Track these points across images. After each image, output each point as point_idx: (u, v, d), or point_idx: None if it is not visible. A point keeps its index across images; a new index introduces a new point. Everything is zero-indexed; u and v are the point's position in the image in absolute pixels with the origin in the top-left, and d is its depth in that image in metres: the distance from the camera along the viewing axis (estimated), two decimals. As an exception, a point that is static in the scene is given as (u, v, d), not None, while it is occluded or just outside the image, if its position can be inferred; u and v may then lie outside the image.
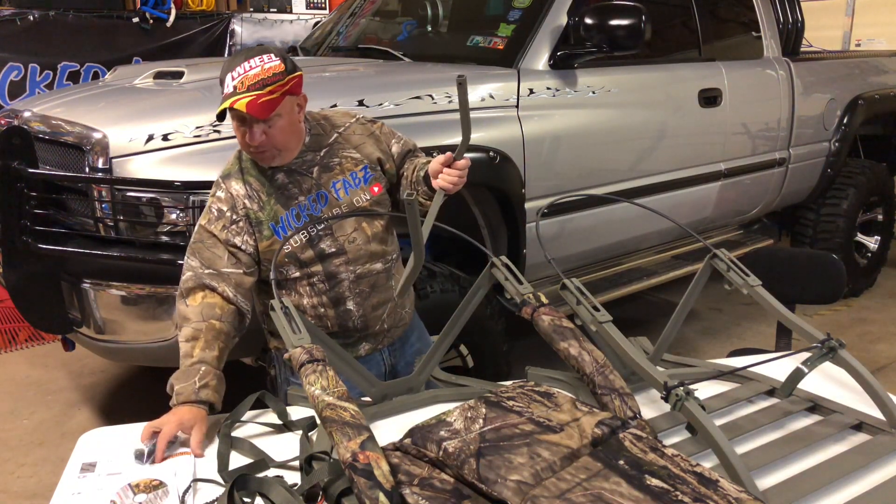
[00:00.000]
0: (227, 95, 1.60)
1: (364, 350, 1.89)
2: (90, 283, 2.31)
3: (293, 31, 5.30)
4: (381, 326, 1.89)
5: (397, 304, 1.90)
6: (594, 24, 2.77)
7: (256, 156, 1.71)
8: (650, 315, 4.35)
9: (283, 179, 1.76)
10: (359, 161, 1.82)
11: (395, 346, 1.96)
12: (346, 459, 1.06)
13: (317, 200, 1.76)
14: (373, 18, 3.73)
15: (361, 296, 1.82)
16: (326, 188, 1.77)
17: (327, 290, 1.80)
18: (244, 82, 1.59)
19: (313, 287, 1.80)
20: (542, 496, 1.01)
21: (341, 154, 1.81)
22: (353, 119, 1.88)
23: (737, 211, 4.05)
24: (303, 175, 1.77)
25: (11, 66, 4.37)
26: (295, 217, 1.74)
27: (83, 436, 1.50)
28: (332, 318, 1.82)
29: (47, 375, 3.70)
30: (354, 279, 1.81)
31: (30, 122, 2.61)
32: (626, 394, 1.35)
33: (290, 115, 1.69)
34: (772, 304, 1.64)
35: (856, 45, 6.33)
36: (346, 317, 1.82)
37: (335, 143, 1.82)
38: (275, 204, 1.74)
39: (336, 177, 1.79)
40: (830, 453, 1.38)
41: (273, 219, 1.74)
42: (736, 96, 3.65)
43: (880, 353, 3.93)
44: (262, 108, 1.59)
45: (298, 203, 1.75)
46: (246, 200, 1.73)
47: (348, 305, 1.82)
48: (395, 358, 1.96)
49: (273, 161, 1.73)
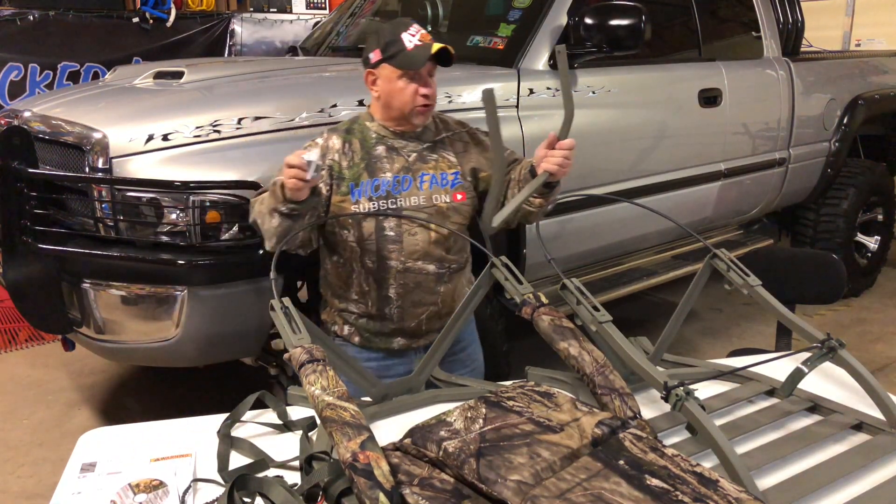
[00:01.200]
0: (420, 46, 1.77)
1: (398, 344, 1.95)
2: (90, 283, 2.31)
3: (293, 31, 5.30)
4: (419, 326, 1.94)
5: (441, 311, 1.94)
6: (594, 24, 2.77)
7: (421, 111, 1.84)
8: (650, 315, 4.35)
9: (381, 152, 1.88)
10: (453, 165, 1.92)
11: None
12: (346, 459, 1.06)
13: (401, 182, 1.87)
14: (373, 18, 3.72)
15: (405, 288, 1.87)
16: (415, 175, 1.88)
17: (374, 269, 1.87)
18: (424, 38, 1.79)
19: (363, 262, 1.88)
20: (542, 496, 1.01)
21: (440, 153, 1.91)
22: (465, 129, 1.98)
23: (737, 211, 4.05)
24: (400, 155, 1.88)
25: (11, 66, 4.37)
26: (374, 188, 1.85)
27: (83, 436, 1.50)
28: (373, 298, 1.90)
29: (47, 375, 3.70)
30: (402, 269, 1.88)
31: (30, 122, 2.61)
32: (626, 394, 1.35)
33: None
34: (772, 304, 1.64)
35: (856, 45, 6.33)
36: (385, 303, 1.89)
37: (440, 142, 1.93)
38: (363, 169, 1.86)
39: (427, 170, 1.89)
40: (830, 453, 1.38)
41: (354, 180, 1.85)
42: (736, 96, 3.65)
43: (880, 353, 3.93)
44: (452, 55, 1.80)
45: (384, 177, 1.86)
46: (337, 154, 1.87)
47: (389, 293, 1.89)
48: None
49: (429, 119, 1.88)
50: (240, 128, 2.29)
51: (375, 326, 1.93)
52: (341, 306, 1.98)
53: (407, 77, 1.80)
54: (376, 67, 1.84)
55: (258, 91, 2.59)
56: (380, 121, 1.91)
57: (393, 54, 1.80)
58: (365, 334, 1.97)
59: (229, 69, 2.93)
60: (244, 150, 2.28)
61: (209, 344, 2.33)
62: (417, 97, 1.81)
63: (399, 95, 1.82)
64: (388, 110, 1.88)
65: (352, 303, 1.95)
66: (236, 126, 2.29)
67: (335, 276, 1.96)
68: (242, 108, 2.36)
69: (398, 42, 1.79)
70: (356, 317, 1.97)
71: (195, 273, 2.20)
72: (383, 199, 1.85)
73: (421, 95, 1.81)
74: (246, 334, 2.36)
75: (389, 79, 1.82)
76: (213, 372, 3.05)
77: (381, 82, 1.85)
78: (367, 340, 1.97)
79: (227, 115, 2.31)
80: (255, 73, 2.79)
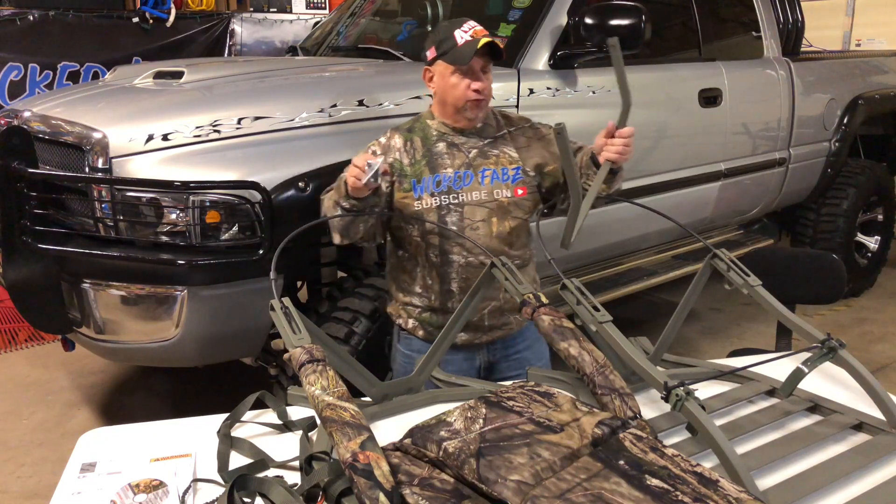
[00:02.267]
0: (468, 42, 1.80)
1: (461, 340, 1.97)
2: (90, 283, 2.31)
3: (293, 31, 5.30)
4: (481, 321, 1.96)
5: (504, 307, 1.96)
6: (594, 24, 2.77)
7: (474, 106, 1.86)
8: (650, 315, 4.35)
9: (442, 149, 1.91)
10: (514, 160, 1.94)
11: (495, 347, 2.02)
12: (346, 459, 1.06)
13: (462, 178, 1.90)
14: (373, 18, 3.72)
15: (467, 283, 1.89)
16: (475, 170, 1.90)
17: (438, 264, 1.91)
18: (476, 33, 1.81)
19: (427, 256, 1.92)
20: (542, 496, 1.01)
21: (502, 148, 1.94)
22: (528, 124, 2.01)
23: (737, 211, 4.05)
24: (460, 151, 1.92)
25: (11, 66, 4.37)
26: (435, 183, 1.89)
27: (83, 436, 1.50)
28: (436, 292, 1.93)
29: (47, 375, 3.70)
30: (464, 264, 1.91)
31: (30, 122, 2.61)
32: (626, 394, 1.35)
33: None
34: (772, 304, 1.64)
35: (856, 45, 6.33)
36: (447, 296, 1.92)
37: (501, 137, 1.96)
38: (424, 166, 1.90)
39: (488, 165, 1.92)
40: (830, 453, 1.38)
41: (416, 176, 1.90)
42: (736, 96, 3.65)
43: (880, 353, 3.94)
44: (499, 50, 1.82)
45: (445, 173, 1.89)
46: (398, 153, 1.92)
47: (452, 287, 1.92)
48: (493, 357, 2.02)
49: (482, 115, 1.90)
50: (240, 128, 2.29)
51: (438, 320, 1.95)
52: (406, 300, 2.01)
53: (459, 72, 1.84)
54: (432, 65, 1.90)
55: (258, 91, 2.59)
56: (439, 118, 1.95)
57: (445, 51, 1.85)
58: (428, 328, 1.99)
59: (229, 69, 2.93)
60: (244, 150, 2.28)
61: (209, 344, 2.33)
62: (469, 92, 1.85)
63: (452, 91, 1.86)
64: (443, 106, 1.92)
65: (416, 296, 1.98)
66: (236, 126, 2.29)
67: (400, 271, 2.00)
68: (242, 108, 2.36)
69: (450, 39, 1.83)
70: (420, 311, 1.99)
71: (195, 273, 2.20)
72: (445, 195, 1.89)
73: (472, 90, 1.84)
74: (246, 334, 2.36)
75: (443, 75, 1.87)
76: (213, 372, 3.06)
77: (437, 79, 1.90)
78: (430, 334, 1.99)
79: (227, 115, 2.31)
80: (255, 73, 2.79)
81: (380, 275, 2.53)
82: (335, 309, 2.45)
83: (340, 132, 2.42)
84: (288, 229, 2.16)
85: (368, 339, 2.37)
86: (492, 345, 2.01)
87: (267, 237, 2.19)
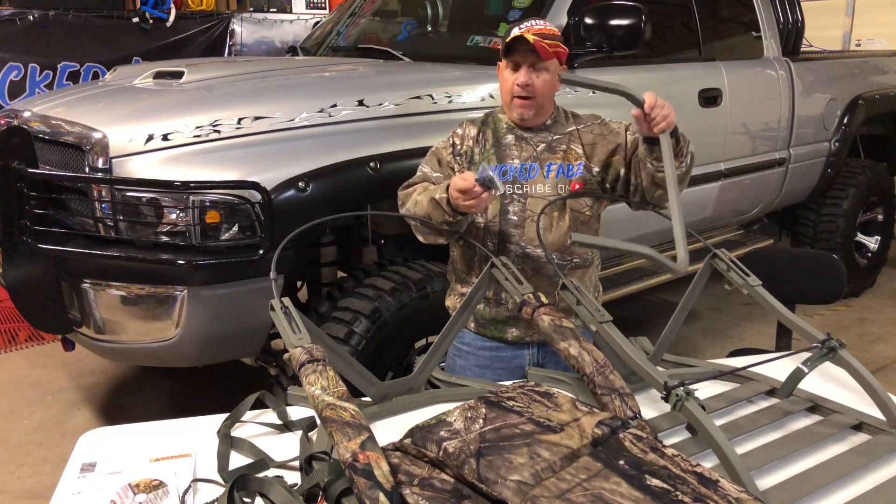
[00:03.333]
0: (516, 36, 1.81)
1: (511, 335, 1.96)
2: (90, 283, 2.31)
3: (293, 31, 5.30)
4: None
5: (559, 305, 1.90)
6: (594, 24, 2.77)
7: (520, 103, 1.86)
8: (650, 315, 4.35)
9: (510, 141, 1.93)
10: (579, 157, 1.93)
11: (546, 348, 1.98)
12: (346, 459, 1.06)
13: (528, 170, 1.91)
14: (373, 18, 3.73)
15: (523, 275, 1.84)
16: (542, 164, 1.91)
17: (495, 253, 1.89)
18: (530, 30, 1.81)
19: (485, 244, 1.91)
20: (542, 496, 1.01)
21: (570, 144, 1.93)
22: (598, 121, 2.00)
23: (737, 211, 4.05)
24: (528, 144, 1.93)
25: (11, 66, 4.37)
26: (501, 172, 1.89)
27: (83, 436, 1.50)
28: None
29: (47, 375, 3.70)
30: (521, 255, 1.90)
31: (30, 122, 2.61)
32: (626, 394, 1.35)
33: (553, 77, 1.87)
34: (772, 304, 1.64)
35: (856, 45, 6.33)
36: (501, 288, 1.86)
37: (570, 133, 1.95)
38: (492, 155, 1.92)
39: (556, 160, 1.92)
40: (830, 453, 1.38)
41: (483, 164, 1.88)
42: (736, 96, 3.65)
43: (880, 353, 3.94)
44: (544, 48, 1.79)
45: (512, 163, 1.91)
46: (471, 142, 1.95)
47: None
48: (543, 358, 1.99)
49: (530, 115, 1.88)
50: (240, 128, 2.29)
51: (491, 313, 1.95)
52: (463, 291, 1.99)
53: (510, 68, 1.87)
54: (500, 61, 1.92)
55: (258, 91, 2.59)
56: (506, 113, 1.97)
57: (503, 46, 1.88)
58: (481, 321, 1.98)
59: (229, 69, 2.93)
60: (244, 150, 2.28)
61: (209, 344, 2.33)
62: (514, 87, 1.86)
63: (503, 85, 1.90)
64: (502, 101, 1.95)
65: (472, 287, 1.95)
66: (236, 126, 2.29)
67: (461, 261, 1.99)
68: (242, 108, 2.36)
69: (509, 33, 1.86)
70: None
71: (195, 273, 2.20)
72: (509, 184, 1.89)
73: (516, 85, 1.85)
74: (246, 334, 2.36)
75: (500, 69, 1.91)
76: (213, 372, 3.06)
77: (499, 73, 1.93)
78: (482, 327, 1.98)
79: (227, 115, 2.31)
80: (255, 73, 2.79)
81: (380, 275, 2.53)
82: (335, 309, 2.45)
83: (340, 132, 2.42)
84: (288, 229, 2.18)
85: (368, 339, 2.37)
86: (542, 345, 1.98)
87: (267, 237, 2.19)
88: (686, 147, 1.83)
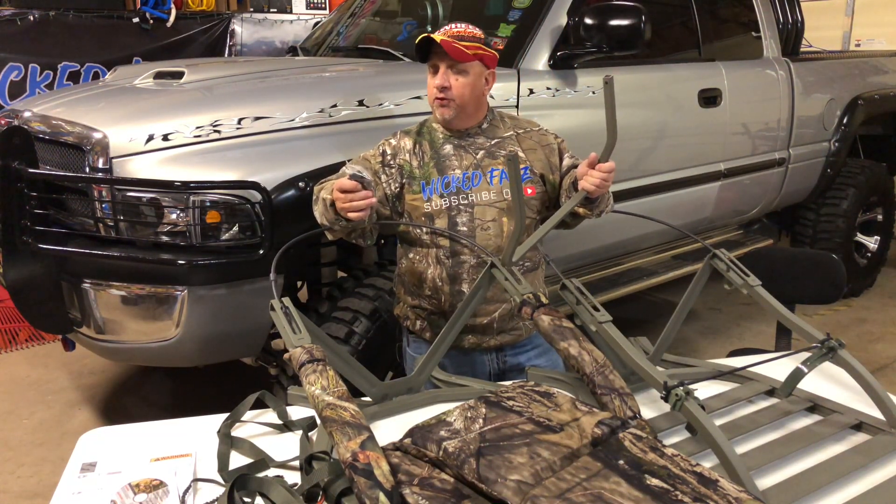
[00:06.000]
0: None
1: (468, 342, 1.95)
2: (90, 283, 2.31)
3: (293, 31, 5.30)
4: (491, 324, 1.94)
5: (513, 311, 1.94)
6: (594, 24, 2.77)
7: (439, 105, 1.86)
8: (650, 315, 4.35)
9: (449, 150, 1.92)
10: (522, 161, 1.93)
11: (504, 353, 1.99)
12: (346, 459, 1.06)
13: (471, 178, 1.90)
14: (373, 18, 3.72)
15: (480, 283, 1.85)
16: (484, 171, 1.90)
17: (449, 265, 1.89)
18: (446, 32, 1.82)
19: (438, 257, 1.90)
20: (542, 496, 1.01)
21: (509, 148, 1.93)
22: (536, 129, 2.00)
23: (736, 211, 4.05)
24: (468, 153, 1.92)
25: (11, 66, 4.37)
26: (444, 185, 1.89)
27: (83, 436, 1.50)
28: (446, 293, 1.91)
29: (47, 375, 3.70)
30: (475, 264, 1.89)
31: (30, 122, 2.61)
32: (626, 394, 1.35)
33: (476, 81, 1.86)
34: (772, 304, 1.64)
35: (856, 45, 6.33)
36: (457, 298, 1.90)
37: (508, 138, 1.95)
38: (432, 167, 1.90)
39: (497, 165, 1.91)
40: (830, 453, 1.38)
41: (425, 178, 1.90)
42: (736, 96, 3.65)
43: (880, 353, 3.94)
44: (454, 50, 1.78)
45: (453, 174, 1.90)
46: (408, 155, 1.92)
47: (462, 287, 1.90)
48: (503, 364, 2.00)
49: (450, 116, 1.87)
50: (240, 128, 2.29)
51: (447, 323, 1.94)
52: (414, 303, 2.00)
53: (430, 72, 1.87)
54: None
55: (258, 91, 2.59)
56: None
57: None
58: (437, 330, 1.96)
59: (229, 69, 2.93)
60: (244, 150, 2.28)
61: (209, 344, 2.33)
62: (432, 90, 1.86)
63: (429, 86, 1.89)
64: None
65: (424, 299, 1.97)
66: (236, 126, 2.29)
67: (409, 273, 1.98)
68: (242, 108, 2.36)
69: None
70: (428, 313, 1.98)
71: (195, 273, 2.20)
72: (454, 195, 1.88)
73: (434, 87, 1.85)
74: (246, 334, 2.36)
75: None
76: (213, 372, 3.06)
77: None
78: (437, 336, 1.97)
79: (227, 115, 2.31)
80: (255, 73, 2.79)
81: (380, 275, 2.53)
82: (335, 309, 2.45)
83: (340, 132, 2.42)
84: (288, 229, 2.18)
85: (368, 339, 2.37)
86: (500, 351, 1.99)
87: (267, 237, 2.19)
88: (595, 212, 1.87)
